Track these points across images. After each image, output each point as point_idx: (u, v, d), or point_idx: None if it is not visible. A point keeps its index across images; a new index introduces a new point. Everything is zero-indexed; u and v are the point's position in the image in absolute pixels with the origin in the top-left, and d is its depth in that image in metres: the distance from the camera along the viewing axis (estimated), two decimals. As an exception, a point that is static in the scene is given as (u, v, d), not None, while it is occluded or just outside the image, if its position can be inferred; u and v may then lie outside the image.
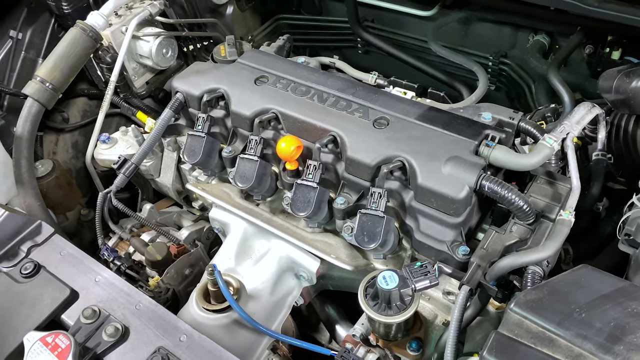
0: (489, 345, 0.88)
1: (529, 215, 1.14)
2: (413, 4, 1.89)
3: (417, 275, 1.12)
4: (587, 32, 1.59)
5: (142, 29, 1.79)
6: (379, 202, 1.23)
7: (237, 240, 1.43)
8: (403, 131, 1.29)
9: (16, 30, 1.89)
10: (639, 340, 0.85)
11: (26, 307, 1.10)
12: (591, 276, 0.96)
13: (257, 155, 1.38)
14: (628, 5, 1.14)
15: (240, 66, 1.55)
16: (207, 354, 1.00)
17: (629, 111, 1.21)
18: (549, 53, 1.74)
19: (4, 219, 1.22)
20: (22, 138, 1.53)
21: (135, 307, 1.09)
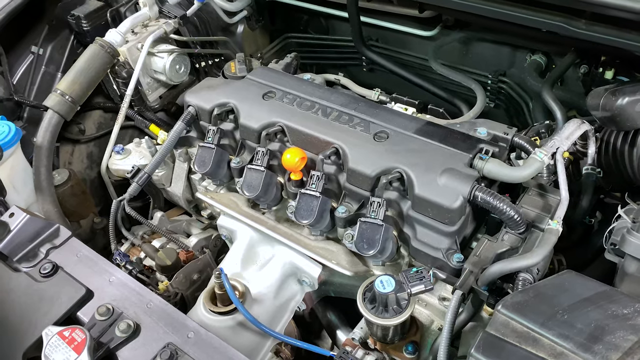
0: (477, 344, 0.94)
1: (520, 224, 1.20)
2: (415, 24, 1.97)
3: (413, 280, 1.19)
4: (581, 53, 1.66)
5: (156, 46, 1.88)
6: (378, 211, 1.29)
7: (243, 247, 1.50)
8: (402, 144, 1.36)
9: (37, 46, 1.99)
10: (617, 340, 0.91)
11: (45, 304, 1.17)
12: (574, 281, 1.02)
13: (263, 165, 1.45)
14: (614, 28, 1.21)
15: (249, 82, 1.64)
16: (213, 350, 1.07)
17: (616, 127, 1.28)
18: (545, 72, 1.80)
19: (25, 222, 1.30)
20: (42, 147, 1.61)
21: (146, 306, 1.16)
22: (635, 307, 0.96)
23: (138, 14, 1.80)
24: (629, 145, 1.31)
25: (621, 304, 0.97)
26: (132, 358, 1.07)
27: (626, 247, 1.13)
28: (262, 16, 2.14)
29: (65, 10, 1.97)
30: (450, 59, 1.99)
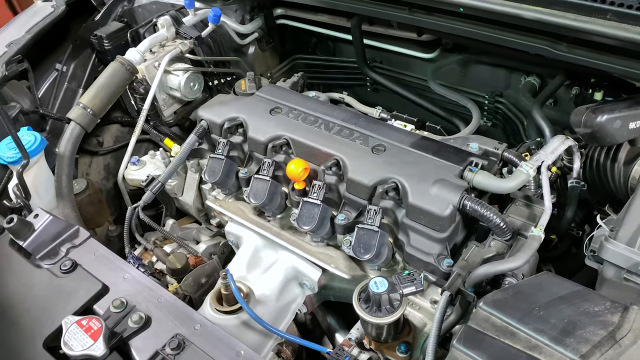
0: (459, 336, 1.03)
1: (506, 232, 1.29)
2: (417, 47, 2.08)
3: (405, 282, 1.27)
4: (571, 75, 1.76)
5: (172, 65, 2.00)
6: (375, 218, 1.39)
7: (248, 252, 1.59)
8: (397, 156, 1.46)
9: (61, 64, 2.13)
10: (587, 334, 0.99)
11: (64, 297, 1.27)
12: (551, 281, 1.11)
13: (269, 175, 1.55)
14: (593, 51, 1.31)
15: (258, 98, 1.75)
16: (217, 341, 1.16)
17: (596, 143, 1.37)
18: (539, 93, 1.90)
19: (48, 223, 1.40)
20: (64, 157, 1.73)
21: (157, 300, 1.25)
22: (605, 305, 1.04)
23: (156, 34, 1.93)
24: (611, 161, 1.40)
25: (593, 302, 1.05)
26: (143, 346, 1.16)
27: (604, 253, 1.21)
28: (272, 38, 2.26)
29: (88, 30, 2.11)
30: (450, 80, 2.09)
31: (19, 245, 1.39)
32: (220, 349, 1.14)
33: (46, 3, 2.15)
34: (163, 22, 1.92)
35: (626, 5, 1.20)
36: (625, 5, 1.20)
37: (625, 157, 1.37)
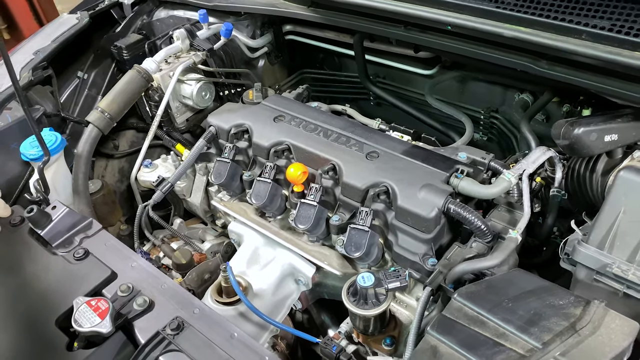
0: (433, 323, 1.12)
1: (487, 234, 1.38)
2: (417, 64, 2.18)
3: (391, 278, 1.37)
4: (562, 93, 1.85)
5: (186, 74, 2.13)
6: (366, 219, 1.49)
7: (249, 249, 1.70)
8: (389, 163, 1.56)
9: (83, 72, 2.26)
10: (551, 324, 1.07)
11: (76, 282, 1.38)
12: (522, 277, 1.20)
13: (270, 178, 1.66)
14: (571, 68, 1.40)
15: (263, 107, 1.87)
16: (214, 323, 1.25)
17: (574, 154, 1.46)
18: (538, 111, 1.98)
19: (64, 214, 1.52)
20: (82, 156, 1.85)
21: (160, 287, 1.35)
22: (569, 299, 1.12)
23: (171, 46, 2.06)
24: (590, 171, 1.48)
25: (558, 296, 1.14)
26: (145, 327, 1.26)
27: (576, 256, 1.30)
28: (281, 53, 2.38)
29: (109, 41, 2.25)
30: (448, 96, 2.19)
31: (38, 235, 1.50)
32: (216, 331, 1.23)
33: (71, 15, 2.31)
34: (178, 34, 2.06)
35: (599, 27, 1.30)
36: (598, 27, 1.31)
37: (603, 168, 1.46)
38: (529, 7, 1.43)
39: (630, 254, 1.23)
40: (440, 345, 1.07)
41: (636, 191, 1.22)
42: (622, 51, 1.27)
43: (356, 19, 1.78)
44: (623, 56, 1.25)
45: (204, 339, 1.22)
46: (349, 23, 1.81)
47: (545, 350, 1.02)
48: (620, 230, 1.24)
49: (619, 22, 1.30)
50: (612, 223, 1.25)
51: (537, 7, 1.42)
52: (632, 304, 1.25)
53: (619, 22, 1.30)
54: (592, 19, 1.34)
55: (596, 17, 1.33)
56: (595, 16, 1.34)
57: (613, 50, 1.27)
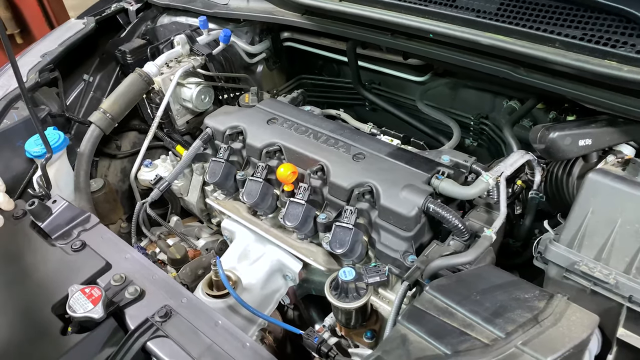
0: (404, 313, 1.18)
1: (464, 233, 1.44)
2: (410, 71, 2.25)
3: (371, 273, 1.43)
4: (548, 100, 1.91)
5: (187, 78, 2.22)
6: (350, 217, 1.55)
7: (240, 246, 1.77)
8: (375, 164, 1.62)
9: (89, 75, 2.35)
10: (515, 316, 1.13)
11: (73, 271, 1.45)
12: (491, 271, 1.26)
13: (262, 178, 1.73)
14: (547, 75, 1.46)
15: (257, 110, 1.94)
16: (200, 312, 1.32)
17: (551, 158, 1.52)
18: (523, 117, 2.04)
19: (64, 208, 1.60)
20: (83, 155, 1.94)
21: (152, 277, 1.42)
22: (534, 293, 1.18)
23: (172, 51, 2.15)
24: (567, 175, 1.54)
25: (524, 290, 1.19)
26: (136, 314, 1.33)
27: (547, 254, 1.35)
28: (279, 59, 2.46)
29: (114, 45, 2.33)
30: (440, 102, 2.25)
31: (39, 227, 1.58)
32: (202, 319, 1.30)
33: (79, 20, 2.40)
34: (179, 40, 2.14)
35: (571, 36, 1.37)
36: (570, 36, 1.37)
37: (579, 171, 1.51)
38: (507, 17, 1.49)
39: (597, 252, 1.28)
40: (410, 333, 1.13)
41: (603, 192, 1.28)
42: (592, 59, 1.33)
43: (347, 27, 1.85)
44: (591, 64, 1.31)
45: (189, 325, 1.28)
46: (340, 30, 1.88)
47: (508, 339, 1.08)
48: (589, 230, 1.30)
49: (590, 31, 1.36)
50: (581, 223, 1.31)
51: (516, 17, 1.49)
52: (599, 300, 1.30)
53: (590, 31, 1.36)
54: (566, 29, 1.40)
55: (571, 26, 1.40)
56: (570, 26, 1.40)
57: (583, 58, 1.33)
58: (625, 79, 1.25)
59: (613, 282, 1.25)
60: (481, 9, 1.55)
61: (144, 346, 1.26)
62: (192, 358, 1.21)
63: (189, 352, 1.22)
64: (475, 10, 1.56)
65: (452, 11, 1.56)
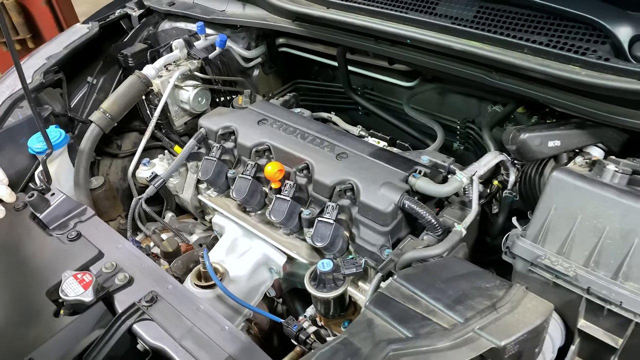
0: (371, 299, 1.25)
1: (437, 228, 1.51)
2: (400, 76, 2.33)
3: (348, 265, 1.51)
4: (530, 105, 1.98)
5: (184, 81, 2.31)
6: (332, 213, 1.63)
7: (229, 240, 1.85)
8: (356, 163, 1.70)
9: (92, 77, 2.46)
10: (475, 304, 1.20)
11: (68, 259, 1.54)
12: (456, 262, 1.33)
13: (251, 175, 1.82)
14: (519, 80, 1.54)
15: (249, 111, 2.03)
16: (183, 297, 1.40)
17: (522, 158, 1.59)
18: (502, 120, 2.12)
19: (61, 201, 1.69)
20: (83, 152, 2.03)
21: (141, 265, 1.51)
22: (495, 283, 1.25)
23: (170, 54, 2.24)
24: (539, 175, 1.61)
25: (485, 280, 1.26)
26: (124, 299, 1.41)
27: (514, 249, 1.42)
28: (275, 63, 2.54)
29: (116, 49, 2.44)
30: (428, 107, 2.33)
31: (38, 219, 1.68)
32: (185, 304, 1.38)
33: (83, 25, 2.51)
34: (177, 44, 2.24)
35: (538, 42, 1.45)
36: (537, 42, 1.45)
37: (550, 172, 1.58)
38: (483, 24, 1.58)
39: (560, 247, 1.35)
40: (376, 318, 1.20)
41: (565, 190, 1.35)
42: (556, 64, 1.40)
43: (335, 33, 1.94)
44: (553, 68, 1.38)
45: (173, 310, 1.37)
46: (329, 36, 1.97)
47: (466, 324, 1.15)
48: (552, 225, 1.37)
49: (557, 38, 1.44)
50: (545, 219, 1.37)
51: (491, 25, 1.57)
52: (561, 292, 1.37)
53: (557, 38, 1.44)
54: (535, 35, 1.48)
55: (540, 33, 1.48)
56: (539, 33, 1.48)
57: (546, 62, 1.41)
58: (583, 82, 1.33)
59: (573, 274, 1.31)
60: (459, 17, 1.64)
61: (130, 328, 1.34)
62: (174, 339, 1.30)
63: (172, 334, 1.30)
64: (453, 17, 1.64)
65: (430, 18, 1.64)
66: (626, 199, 1.27)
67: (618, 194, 1.28)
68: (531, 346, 1.18)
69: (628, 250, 1.25)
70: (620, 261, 1.26)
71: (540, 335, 1.19)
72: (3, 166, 1.80)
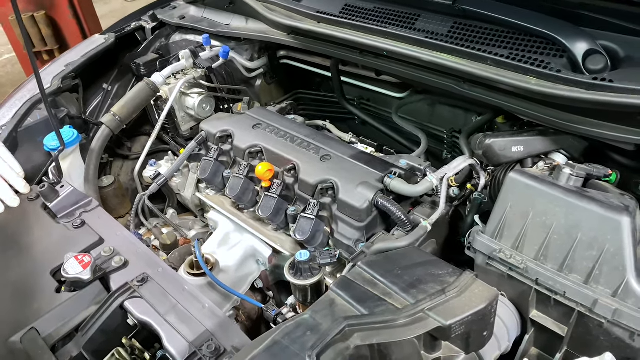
0: (335, 282, 1.38)
1: (406, 224, 1.64)
2: (393, 88, 2.47)
3: (324, 256, 1.64)
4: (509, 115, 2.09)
5: (191, 89, 2.49)
6: (313, 209, 1.77)
7: (221, 234, 2.00)
8: (338, 164, 1.84)
9: (107, 84, 2.66)
10: (427, 288, 1.32)
11: (71, 244, 1.70)
12: (415, 252, 1.45)
13: (243, 175, 1.97)
14: (487, 90, 1.67)
15: (246, 116, 2.19)
16: (171, 279, 1.55)
17: (488, 162, 1.71)
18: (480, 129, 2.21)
19: (69, 192, 1.86)
20: (94, 151, 2.22)
21: (136, 251, 1.66)
22: (447, 271, 1.37)
23: (177, 64, 2.42)
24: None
25: (439, 268, 1.39)
26: (119, 279, 1.56)
27: (474, 244, 1.54)
28: (276, 74, 2.70)
29: (130, 58, 2.63)
30: (419, 117, 2.45)
31: (49, 209, 1.85)
32: (172, 285, 1.53)
33: (101, 36, 2.72)
34: (183, 54, 2.42)
35: (500, 55, 1.58)
36: (499, 55, 1.58)
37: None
38: (455, 38, 1.72)
39: (514, 241, 1.47)
40: (337, 298, 1.33)
41: (520, 189, 1.47)
42: (513, 74, 1.53)
43: (326, 46, 2.09)
44: (508, 78, 1.51)
45: (161, 289, 1.51)
46: (321, 49, 2.12)
47: (417, 305, 1.27)
48: (508, 221, 1.49)
49: (516, 51, 1.57)
50: (502, 216, 1.50)
51: (462, 39, 1.71)
52: (515, 284, 1.49)
53: (517, 51, 1.57)
54: (497, 49, 1.61)
55: (502, 47, 1.61)
56: (501, 46, 1.61)
57: (503, 73, 1.54)
58: (534, 91, 1.46)
59: (524, 267, 1.43)
60: (434, 31, 1.78)
61: (121, 304, 1.49)
62: (159, 314, 1.44)
63: (157, 310, 1.45)
64: (429, 32, 1.78)
65: (408, 32, 1.79)
66: (571, 197, 1.39)
67: (564, 192, 1.40)
68: (478, 329, 1.30)
69: (572, 244, 1.37)
70: (565, 255, 1.38)
71: (486, 319, 1.30)
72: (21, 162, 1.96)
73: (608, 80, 1.39)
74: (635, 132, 1.42)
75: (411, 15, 1.88)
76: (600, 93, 1.39)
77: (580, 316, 1.37)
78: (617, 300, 1.30)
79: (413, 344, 1.26)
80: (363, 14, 2.00)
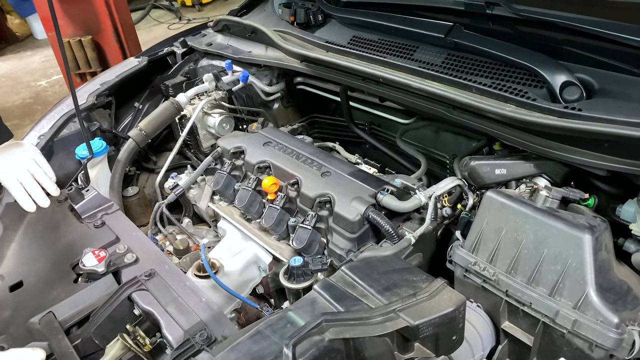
0: (318, 284, 1.51)
1: (393, 237, 1.76)
2: (401, 114, 2.62)
3: (316, 263, 1.78)
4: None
5: (213, 109, 2.70)
6: (311, 221, 1.91)
7: (228, 241, 2.16)
8: (337, 180, 1.99)
9: (139, 103, 2.90)
10: (401, 292, 1.44)
11: (92, 242, 1.89)
12: (394, 260, 1.58)
13: (251, 187, 2.14)
14: (474, 116, 1.80)
15: (258, 135, 2.37)
16: (175, 275, 1.71)
17: (473, 183, 1.82)
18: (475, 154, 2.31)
19: (93, 196, 2.07)
20: (120, 162, 2.43)
21: (147, 250, 1.84)
22: (421, 277, 1.49)
23: (200, 86, 2.63)
24: (491, 200, 1.84)
25: (414, 274, 1.51)
26: (129, 274, 1.73)
27: (453, 257, 1.66)
28: (293, 99, 2.88)
29: (161, 80, 2.87)
30: (424, 142, 2.58)
31: (75, 211, 2.06)
32: (176, 280, 1.69)
33: (136, 59, 2.97)
34: (207, 77, 2.63)
35: (483, 84, 1.72)
36: (482, 84, 1.72)
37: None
38: (447, 68, 1.86)
39: (488, 255, 1.58)
40: (319, 297, 1.47)
41: (495, 207, 1.59)
42: (494, 102, 1.66)
43: (334, 73, 2.26)
44: (490, 105, 1.65)
45: (165, 284, 1.68)
46: (329, 76, 2.30)
47: (389, 306, 1.39)
48: (484, 237, 1.60)
49: (496, 80, 1.71)
50: (479, 231, 1.61)
51: (454, 69, 1.86)
52: (489, 295, 1.59)
53: (497, 81, 1.71)
54: (481, 78, 1.75)
55: (485, 76, 1.75)
56: (485, 76, 1.75)
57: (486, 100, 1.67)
58: (510, 117, 1.58)
59: (495, 279, 1.54)
60: (430, 62, 1.93)
61: (129, 296, 1.66)
62: (160, 305, 1.60)
63: (160, 301, 1.61)
64: (425, 62, 1.94)
65: (404, 62, 1.95)
66: (540, 215, 1.50)
67: (534, 211, 1.51)
68: (447, 332, 1.41)
69: (539, 259, 1.48)
70: (532, 268, 1.49)
71: (454, 323, 1.41)
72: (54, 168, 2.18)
73: (577, 109, 1.51)
74: (604, 157, 1.52)
75: (411, 46, 2.04)
76: (570, 120, 1.50)
77: (545, 327, 1.47)
78: (576, 312, 1.39)
79: (385, 343, 1.38)
80: (368, 45, 2.17)
